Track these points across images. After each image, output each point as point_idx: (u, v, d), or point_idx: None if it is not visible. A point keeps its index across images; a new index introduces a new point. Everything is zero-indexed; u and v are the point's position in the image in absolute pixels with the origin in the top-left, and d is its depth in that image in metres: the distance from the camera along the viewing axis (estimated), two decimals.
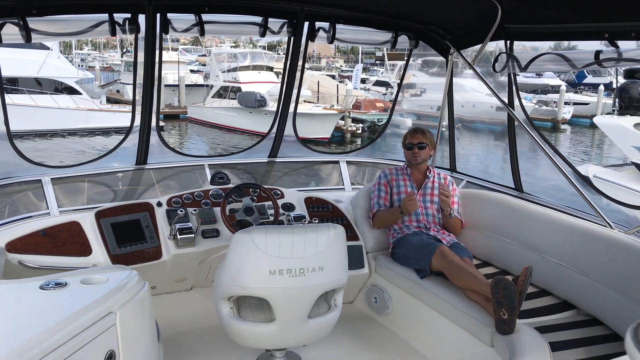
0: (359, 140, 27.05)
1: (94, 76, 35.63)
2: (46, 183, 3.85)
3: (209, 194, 3.99)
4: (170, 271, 3.75)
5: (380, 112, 28.51)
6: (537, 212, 3.75)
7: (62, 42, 42.70)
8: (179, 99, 32.76)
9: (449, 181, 4.16)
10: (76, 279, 2.33)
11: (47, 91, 23.80)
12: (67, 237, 3.46)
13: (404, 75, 5.30)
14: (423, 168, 4.16)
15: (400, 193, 4.09)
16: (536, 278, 3.59)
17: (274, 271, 2.79)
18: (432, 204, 4.07)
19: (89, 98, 25.37)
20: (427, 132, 4.09)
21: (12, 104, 21.78)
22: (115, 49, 59.45)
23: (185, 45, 59.92)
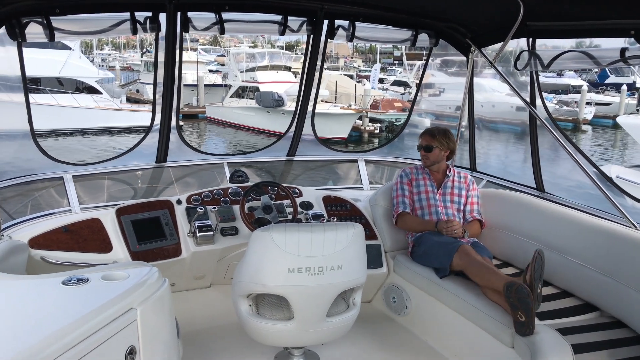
0: (377, 140, 26.96)
1: (114, 76, 36.05)
2: (68, 180, 3.89)
3: (228, 192, 4.00)
4: (189, 268, 3.77)
5: (399, 112, 28.40)
6: (559, 212, 3.69)
7: (83, 43, 43.35)
8: (198, 99, 33.00)
9: (469, 180, 4.08)
10: (97, 274, 2.35)
11: (69, 91, 24.11)
12: (88, 234, 3.50)
13: (423, 74, 5.27)
14: (441, 168, 4.09)
15: (420, 193, 4.03)
16: (558, 279, 3.55)
17: (293, 269, 2.79)
18: (452, 203, 4.00)
19: (109, 97, 25.66)
20: (437, 133, 3.99)
21: (34, 103, 22.23)
22: (135, 49, 60.10)
23: (204, 46, 60.35)
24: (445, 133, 4.01)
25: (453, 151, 4.06)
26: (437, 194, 4.01)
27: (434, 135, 3.98)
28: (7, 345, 1.81)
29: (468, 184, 4.07)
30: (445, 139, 3.98)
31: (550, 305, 3.29)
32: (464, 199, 4.03)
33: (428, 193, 4.02)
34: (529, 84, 4.08)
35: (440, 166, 4.08)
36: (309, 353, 3.41)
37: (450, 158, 4.10)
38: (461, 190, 4.03)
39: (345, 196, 4.32)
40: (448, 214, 3.97)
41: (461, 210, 4.01)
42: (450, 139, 4.01)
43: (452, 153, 4.07)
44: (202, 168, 4.62)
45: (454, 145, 4.05)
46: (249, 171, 4.67)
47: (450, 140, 4.01)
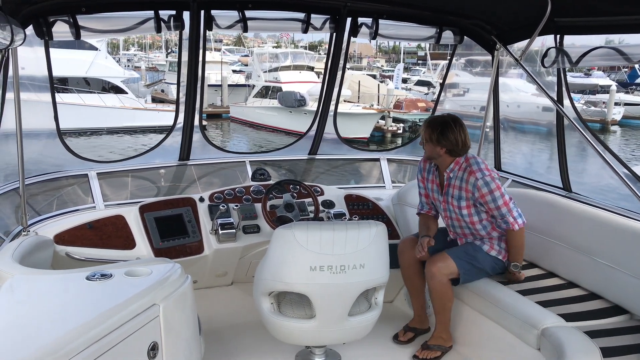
0: (400, 140, 26.81)
1: (139, 76, 36.47)
2: (92, 177, 3.94)
3: (250, 190, 4.01)
4: (211, 266, 3.78)
5: (422, 112, 28.16)
6: (587, 212, 3.61)
7: (109, 43, 44.01)
8: (222, 99, 33.22)
9: (471, 185, 3.30)
10: (121, 270, 2.37)
11: (95, 90, 24.48)
12: (112, 231, 3.54)
13: (447, 73, 5.20)
14: (446, 165, 3.42)
15: (431, 197, 3.63)
16: (586, 280, 3.47)
17: (315, 267, 2.77)
18: (456, 214, 3.47)
19: (134, 97, 25.97)
20: (431, 125, 3.35)
21: (61, 102, 22.64)
22: (160, 49, 60.79)
23: (228, 46, 60.80)
24: (439, 124, 3.32)
25: (452, 150, 3.34)
26: (442, 202, 3.53)
27: (428, 125, 3.38)
28: (31, 339, 1.83)
29: (470, 191, 3.32)
30: (435, 132, 3.31)
31: (578, 307, 3.22)
32: (467, 210, 3.39)
33: (436, 200, 3.61)
34: (556, 82, 3.99)
35: (443, 164, 3.44)
36: (331, 352, 3.39)
37: (455, 154, 3.37)
38: (460, 200, 3.39)
39: (367, 195, 4.29)
40: (455, 227, 3.54)
41: (469, 222, 3.43)
42: (444, 132, 3.29)
43: (453, 153, 3.36)
44: (225, 166, 4.63)
45: (451, 142, 3.30)
46: (271, 169, 4.68)
47: (444, 136, 3.29)
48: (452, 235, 3.65)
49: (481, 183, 3.27)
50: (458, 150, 3.35)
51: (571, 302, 3.29)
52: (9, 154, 3.30)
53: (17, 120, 3.04)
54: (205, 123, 26.86)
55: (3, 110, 3.31)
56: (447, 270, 3.31)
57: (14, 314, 2.05)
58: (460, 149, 3.35)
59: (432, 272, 3.32)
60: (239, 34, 63.02)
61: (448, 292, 3.37)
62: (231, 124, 30.22)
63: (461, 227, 3.51)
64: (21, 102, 3.01)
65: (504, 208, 3.29)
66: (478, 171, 3.30)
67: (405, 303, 4.09)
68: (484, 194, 3.27)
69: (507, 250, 3.45)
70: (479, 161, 3.37)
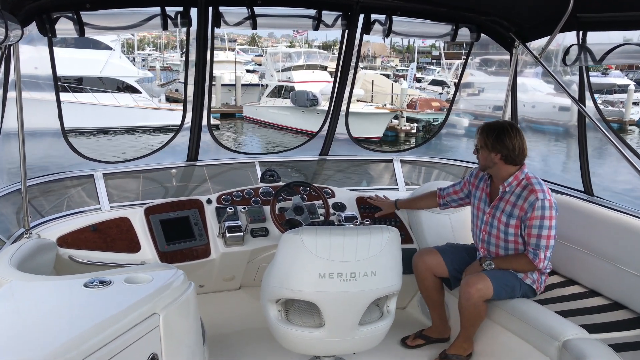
0: (413, 140, 26.66)
1: (153, 75, 36.65)
2: (98, 178, 3.85)
3: (259, 192, 3.89)
4: (218, 270, 3.67)
5: (436, 111, 28.04)
6: (610, 217, 3.45)
7: (125, 43, 44.27)
8: (235, 98, 33.34)
9: (528, 203, 3.07)
10: (120, 277, 2.27)
11: (109, 90, 24.63)
12: (116, 233, 3.45)
13: (462, 72, 5.04)
14: (500, 177, 3.22)
15: (474, 205, 3.47)
16: (609, 289, 3.31)
17: (324, 274, 2.65)
18: (498, 231, 3.24)
19: (148, 97, 26.12)
20: (486, 130, 3.20)
21: (76, 102, 22.93)
22: (175, 49, 61.09)
23: (242, 46, 60.93)
24: (495, 129, 3.15)
25: (508, 157, 3.13)
26: (486, 214, 3.34)
27: (482, 131, 3.21)
28: (23, 350, 1.73)
29: (525, 210, 3.09)
30: (491, 137, 3.14)
31: (600, 318, 3.07)
32: (514, 229, 3.17)
33: (479, 209, 3.42)
34: (577, 81, 3.83)
35: (499, 174, 3.22)
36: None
37: (511, 161, 3.16)
38: (511, 217, 3.16)
39: None
40: (490, 243, 3.32)
41: (512, 241, 3.22)
42: (500, 137, 3.12)
43: (510, 159, 3.14)
44: (234, 167, 4.52)
45: (507, 148, 3.10)
46: (281, 170, 4.56)
47: (500, 141, 3.11)
48: (481, 252, 3.43)
49: (539, 204, 3.05)
50: (514, 157, 3.14)
51: (593, 312, 3.14)
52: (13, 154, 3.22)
53: (19, 119, 2.96)
54: (217, 122, 27.37)
55: (5, 109, 3.23)
56: (485, 293, 3.10)
57: (7, 322, 1.95)
58: (517, 156, 3.14)
59: (470, 293, 3.10)
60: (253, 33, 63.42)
61: (482, 314, 3.18)
62: (245, 123, 30.26)
63: (497, 246, 3.30)
64: (34, 102, 2.93)
65: (543, 241, 3.07)
66: (540, 192, 3.08)
67: (418, 310, 3.96)
68: (535, 216, 3.06)
69: (539, 281, 3.27)
70: (542, 182, 3.18)
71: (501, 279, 3.15)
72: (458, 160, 4.89)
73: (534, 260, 3.11)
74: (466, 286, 3.12)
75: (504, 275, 3.18)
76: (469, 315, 3.17)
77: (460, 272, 3.40)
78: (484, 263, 3.24)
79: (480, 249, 3.43)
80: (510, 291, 3.17)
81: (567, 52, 3.51)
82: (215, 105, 30.94)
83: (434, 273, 3.44)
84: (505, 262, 3.23)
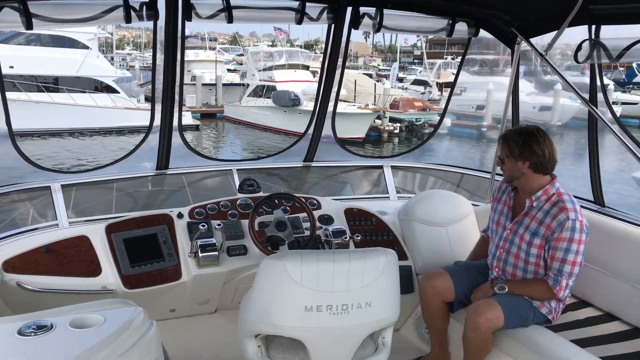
0: (396, 140, 26.56)
1: (132, 75, 35.97)
2: (56, 190, 3.43)
3: (237, 204, 3.49)
4: (191, 293, 3.27)
5: (419, 111, 27.97)
6: (625, 231, 3.13)
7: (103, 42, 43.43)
8: (216, 98, 32.95)
9: (556, 223, 2.71)
10: (65, 319, 1.85)
11: (86, 90, 24.03)
12: (73, 254, 3.03)
13: (458, 72, 4.70)
14: (528, 189, 2.86)
15: (493, 219, 3.11)
16: (627, 313, 2.99)
17: (311, 307, 2.27)
18: (519, 249, 2.88)
19: (126, 97, 25.54)
20: (510, 136, 2.83)
21: (51, 102, 22.31)
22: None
23: (223, 45, 60.34)
24: (522, 135, 2.79)
25: (538, 164, 2.76)
26: (507, 229, 2.96)
27: (506, 138, 2.85)
28: None
29: (553, 229, 2.73)
30: (517, 144, 2.77)
31: (621, 348, 2.74)
32: (537, 249, 2.80)
33: (498, 224, 3.05)
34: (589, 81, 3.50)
35: (526, 186, 2.85)
36: None
37: (541, 170, 2.79)
38: (535, 236, 2.80)
39: (369, 208, 3.78)
40: (507, 263, 2.94)
41: (532, 263, 2.84)
42: (527, 143, 2.75)
43: (539, 167, 2.78)
44: (208, 176, 4.12)
45: (536, 154, 2.74)
46: (262, 178, 4.18)
47: (528, 147, 2.74)
48: (495, 272, 3.04)
49: (569, 225, 2.68)
50: (545, 164, 2.77)
51: (613, 340, 2.81)
52: None
53: None
54: (198, 122, 26.90)
55: None
56: (495, 323, 2.72)
57: None
58: (548, 162, 2.77)
59: (478, 323, 2.71)
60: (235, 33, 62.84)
61: (488, 346, 2.78)
62: (226, 123, 29.84)
63: (515, 266, 2.92)
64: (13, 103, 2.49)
65: (568, 266, 2.70)
66: (572, 211, 2.72)
67: (414, 333, 3.59)
68: (563, 237, 2.69)
69: (556, 310, 2.89)
70: (574, 201, 2.81)
71: (514, 308, 2.77)
72: (452, 165, 4.55)
73: (554, 287, 2.73)
74: (474, 315, 2.74)
75: (517, 303, 2.80)
76: (474, 347, 2.78)
77: (467, 295, 3.02)
78: (496, 286, 2.86)
79: (494, 268, 3.04)
80: (523, 321, 2.80)
81: (579, 48, 3.16)
82: (196, 105, 30.47)
83: (443, 299, 3.06)
84: (520, 287, 2.86)
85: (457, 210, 3.75)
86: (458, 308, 3.08)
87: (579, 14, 3.04)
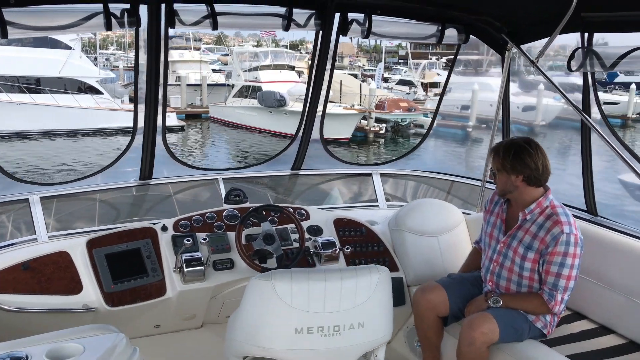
0: (382, 140, 26.55)
1: (116, 76, 35.56)
2: (34, 203, 3.30)
3: (223, 216, 3.39)
4: (176, 309, 3.17)
5: (404, 111, 28.05)
6: (619, 242, 3.08)
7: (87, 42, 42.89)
8: (201, 99, 32.71)
9: (550, 237, 2.67)
10: (41, 349, 1.75)
11: (69, 91, 23.71)
12: (53, 271, 2.91)
13: (449, 75, 4.64)
14: (521, 202, 2.81)
15: (486, 232, 3.05)
16: (622, 326, 2.95)
17: (302, 329, 2.19)
18: (512, 263, 2.83)
19: (110, 98, 25.24)
20: (502, 150, 2.78)
21: (33, 103, 21.97)
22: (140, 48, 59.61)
23: (208, 45, 59.91)
24: (512, 148, 2.75)
25: (531, 178, 2.72)
26: (500, 242, 2.93)
27: (497, 152, 2.80)
28: None
29: (547, 243, 2.69)
30: (508, 157, 2.72)
31: None
32: (531, 263, 2.75)
33: (492, 237, 3.01)
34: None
35: (520, 199, 2.82)
36: None
37: (535, 183, 2.75)
38: (529, 250, 2.75)
39: (359, 218, 3.70)
40: (501, 277, 2.89)
41: (527, 277, 2.80)
42: (519, 157, 2.70)
43: (533, 180, 2.73)
44: (193, 185, 4.01)
45: (529, 168, 2.70)
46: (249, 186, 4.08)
47: (520, 160, 2.69)
48: (489, 286, 2.97)
49: (564, 239, 2.64)
50: (539, 177, 2.72)
51: (609, 355, 2.77)
52: None
53: None
54: (183, 123, 26.67)
55: None
56: (490, 337, 2.66)
57: None
58: (542, 175, 2.73)
59: (473, 338, 2.64)
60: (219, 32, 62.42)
61: None
62: (211, 124, 29.62)
63: (508, 280, 2.87)
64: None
65: (562, 281, 2.66)
66: (566, 224, 2.67)
67: (405, 346, 3.52)
68: (557, 251, 2.65)
69: (551, 324, 2.83)
70: (569, 213, 2.76)
71: (509, 321, 2.71)
72: (442, 173, 4.48)
73: (549, 302, 2.69)
74: (469, 329, 2.67)
75: (512, 317, 2.74)
76: None
77: (461, 308, 2.96)
78: (491, 299, 2.80)
79: (488, 281, 2.98)
80: (519, 335, 2.74)
81: (572, 56, 3.11)
82: (181, 106, 30.21)
83: (437, 313, 2.99)
84: (515, 301, 2.80)
85: (448, 219, 3.69)
86: (452, 322, 3.02)
87: (572, 21, 2.98)
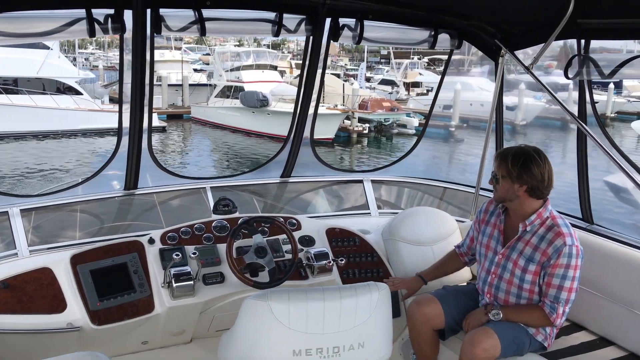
0: (365, 141, 26.55)
1: (95, 76, 35.06)
2: (14, 215, 3.17)
3: (212, 227, 3.29)
4: (165, 325, 3.06)
5: (387, 111, 28.06)
6: (617, 251, 3.04)
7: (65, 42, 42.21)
8: (183, 99, 32.36)
9: (552, 249, 2.61)
10: None
11: (48, 91, 23.30)
12: (34, 289, 2.78)
13: (442, 79, 4.57)
14: (521, 212, 2.74)
15: (482, 243, 2.97)
16: (622, 338, 2.90)
17: (299, 351, 2.10)
18: (512, 275, 2.76)
19: (89, 98, 24.87)
20: (510, 156, 2.67)
21: (10, 104, 21.53)
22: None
23: (189, 44, 59.30)
24: (521, 156, 2.65)
25: (535, 189, 2.65)
26: (499, 254, 2.85)
27: (504, 157, 2.70)
28: None
29: (549, 255, 2.63)
30: (516, 165, 2.63)
31: None
32: (532, 276, 2.69)
33: (488, 248, 2.93)
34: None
35: (519, 209, 2.75)
36: None
37: (537, 194, 2.68)
38: (530, 262, 2.69)
39: (351, 227, 3.62)
40: (500, 289, 2.82)
41: (527, 290, 2.73)
42: (527, 166, 2.62)
43: (536, 192, 2.66)
44: (180, 194, 3.89)
45: (535, 178, 2.62)
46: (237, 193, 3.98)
47: (527, 170, 2.62)
48: (487, 298, 2.90)
49: (566, 251, 2.58)
50: (542, 189, 2.66)
51: None
52: None
53: None
54: (164, 124, 26.36)
55: None
56: (492, 353, 2.59)
57: None
58: (545, 187, 2.67)
59: (475, 354, 2.56)
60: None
61: None
62: (192, 124, 29.34)
63: (508, 293, 2.80)
64: None
65: (564, 293, 2.60)
66: (568, 236, 2.62)
67: (400, 358, 3.45)
68: (559, 264, 2.59)
69: (551, 336, 2.78)
70: (569, 224, 2.71)
71: (510, 336, 2.65)
72: (435, 180, 4.43)
73: (551, 314, 2.63)
74: (470, 346, 2.60)
75: (513, 331, 2.68)
76: None
77: (458, 322, 2.89)
78: (491, 312, 2.73)
79: (486, 294, 2.91)
80: (520, 349, 2.68)
81: (569, 63, 3.07)
82: (162, 107, 29.85)
83: (432, 326, 2.91)
84: (515, 314, 2.73)
85: (442, 228, 3.64)
86: (449, 335, 2.95)
87: (567, 27, 2.94)
